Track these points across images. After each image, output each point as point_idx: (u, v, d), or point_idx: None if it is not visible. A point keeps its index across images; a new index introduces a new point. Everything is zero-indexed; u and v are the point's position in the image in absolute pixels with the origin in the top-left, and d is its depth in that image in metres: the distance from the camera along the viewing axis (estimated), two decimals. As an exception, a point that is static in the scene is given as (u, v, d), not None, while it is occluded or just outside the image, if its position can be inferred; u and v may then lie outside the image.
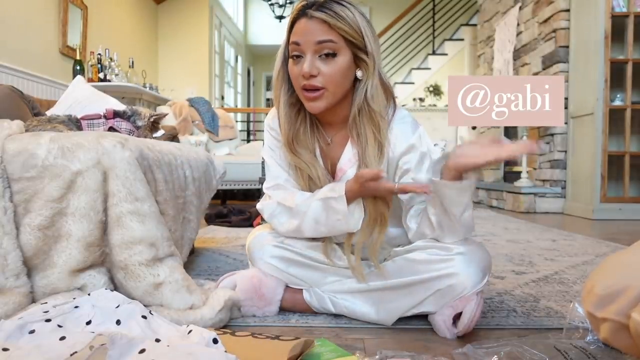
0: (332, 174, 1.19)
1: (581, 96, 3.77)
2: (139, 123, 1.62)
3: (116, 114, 1.59)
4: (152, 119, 1.64)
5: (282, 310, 1.22)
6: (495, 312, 1.24)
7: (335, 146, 1.19)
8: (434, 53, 7.62)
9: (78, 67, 3.80)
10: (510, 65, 4.78)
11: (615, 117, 3.59)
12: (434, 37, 7.83)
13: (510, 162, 5.07)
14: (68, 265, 1.06)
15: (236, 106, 8.56)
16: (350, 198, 1.09)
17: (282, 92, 1.15)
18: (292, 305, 1.22)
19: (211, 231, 2.75)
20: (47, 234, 1.05)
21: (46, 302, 0.99)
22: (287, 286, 1.22)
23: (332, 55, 1.06)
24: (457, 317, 1.06)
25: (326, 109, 1.11)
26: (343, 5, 1.06)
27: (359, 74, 1.10)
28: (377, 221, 1.12)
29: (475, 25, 6.66)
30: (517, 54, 4.73)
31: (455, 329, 1.05)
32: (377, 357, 0.89)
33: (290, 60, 1.10)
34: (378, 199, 1.11)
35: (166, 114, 1.78)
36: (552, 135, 4.12)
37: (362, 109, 1.11)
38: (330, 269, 1.20)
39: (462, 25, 7.42)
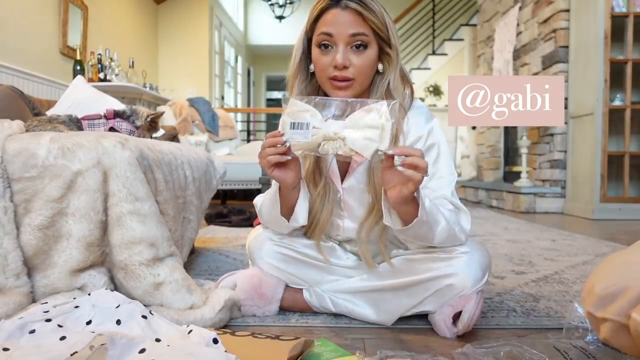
0: (347, 167, 1.17)
1: (581, 96, 3.77)
2: (138, 123, 1.62)
3: (116, 114, 1.59)
4: (149, 119, 1.64)
5: (282, 309, 1.22)
6: (495, 312, 1.24)
7: None
8: (434, 53, 7.63)
9: (78, 67, 3.80)
10: (510, 65, 4.78)
11: (615, 117, 3.59)
12: (434, 37, 7.83)
13: (510, 162, 5.08)
14: (68, 265, 1.06)
15: (236, 106, 8.55)
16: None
17: (298, 82, 1.14)
18: (292, 304, 1.22)
19: (211, 231, 2.75)
20: (47, 233, 1.05)
21: (46, 302, 0.99)
22: (287, 286, 1.22)
23: (363, 47, 1.06)
24: (457, 316, 1.06)
25: None
26: None
27: (380, 67, 1.11)
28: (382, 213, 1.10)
29: (475, 25, 6.66)
30: (517, 54, 4.73)
31: (455, 328, 1.05)
32: (377, 357, 0.89)
33: (317, 50, 1.08)
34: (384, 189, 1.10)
35: (163, 112, 1.77)
36: (552, 135, 4.12)
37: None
38: (330, 268, 1.20)
39: (462, 25, 7.42)
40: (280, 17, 7.69)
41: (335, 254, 1.22)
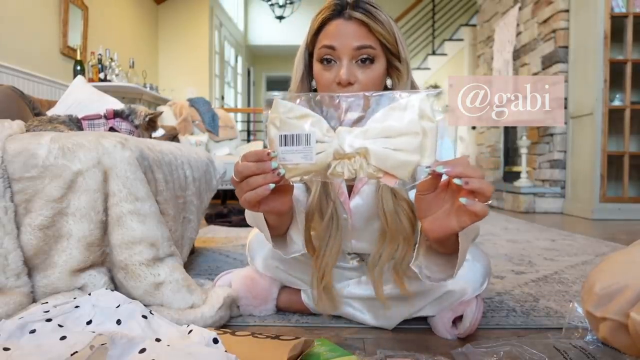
0: (351, 187, 1.08)
1: (581, 96, 3.77)
2: (136, 122, 1.62)
3: (116, 114, 1.60)
4: (147, 118, 1.64)
5: (279, 310, 1.22)
6: (495, 311, 1.24)
7: None
8: (433, 53, 7.63)
9: (78, 68, 3.80)
10: (510, 65, 4.78)
11: (614, 117, 3.59)
12: (433, 37, 7.83)
13: (509, 162, 5.08)
14: (68, 265, 1.06)
15: (236, 106, 8.56)
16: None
17: None
18: (289, 305, 1.22)
19: (211, 231, 2.75)
20: (47, 233, 1.05)
21: (47, 302, 0.99)
22: (283, 286, 1.21)
23: (370, 61, 0.95)
24: (456, 319, 1.06)
25: None
26: (375, 7, 0.96)
27: (389, 83, 1.01)
28: (398, 240, 0.99)
29: (475, 25, 6.66)
30: (517, 54, 4.73)
31: (456, 330, 1.05)
32: (377, 356, 0.89)
33: (319, 65, 0.98)
34: (401, 212, 0.98)
35: (162, 112, 1.78)
36: (551, 135, 4.12)
37: None
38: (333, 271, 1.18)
39: (461, 25, 7.42)
40: (280, 17, 7.69)
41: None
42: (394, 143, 0.66)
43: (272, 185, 0.70)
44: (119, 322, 0.91)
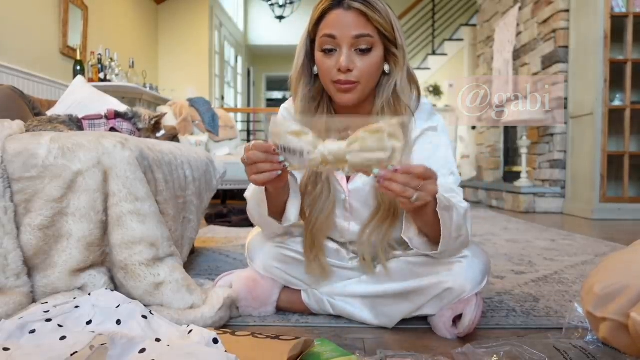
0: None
1: (581, 96, 3.77)
2: (140, 125, 1.63)
3: (117, 115, 1.60)
4: (152, 121, 1.64)
5: (279, 310, 1.22)
6: (495, 312, 1.24)
7: None
8: (434, 53, 7.62)
9: (78, 67, 3.80)
10: (510, 65, 4.78)
11: (614, 117, 3.59)
12: (433, 37, 7.83)
13: (509, 162, 5.08)
14: (68, 265, 1.06)
15: (236, 106, 8.56)
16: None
17: (302, 86, 1.10)
18: (289, 306, 1.22)
19: (211, 231, 2.75)
20: (47, 233, 1.05)
21: (47, 302, 0.99)
22: (284, 287, 1.21)
23: (368, 49, 1.02)
24: (456, 319, 1.06)
25: (356, 102, 1.07)
26: None
27: (386, 68, 1.07)
28: (389, 214, 1.08)
29: (475, 25, 6.66)
30: (517, 54, 4.73)
31: (456, 329, 1.05)
32: (377, 357, 0.89)
33: (320, 53, 1.04)
34: None
35: (165, 113, 1.78)
36: (551, 135, 4.12)
37: (389, 102, 1.07)
38: (332, 270, 1.19)
39: (462, 25, 7.42)
40: (280, 17, 7.69)
41: (338, 255, 1.21)
42: (368, 157, 0.82)
43: (279, 172, 0.89)
44: (119, 322, 0.91)
